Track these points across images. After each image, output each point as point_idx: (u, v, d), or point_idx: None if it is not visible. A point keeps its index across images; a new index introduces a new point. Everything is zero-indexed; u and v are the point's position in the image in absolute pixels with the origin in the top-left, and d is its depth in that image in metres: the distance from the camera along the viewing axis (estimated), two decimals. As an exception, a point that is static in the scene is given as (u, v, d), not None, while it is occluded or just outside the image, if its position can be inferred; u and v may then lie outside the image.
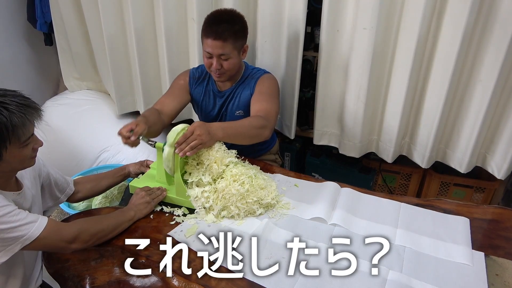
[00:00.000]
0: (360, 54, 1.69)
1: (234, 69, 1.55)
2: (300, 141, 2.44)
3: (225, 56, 1.48)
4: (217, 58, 1.48)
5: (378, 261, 1.09)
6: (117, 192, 1.87)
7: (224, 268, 1.07)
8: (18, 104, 0.96)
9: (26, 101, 0.99)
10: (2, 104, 0.94)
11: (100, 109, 2.41)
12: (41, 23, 2.31)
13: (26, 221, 0.99)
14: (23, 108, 0.97)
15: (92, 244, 1.14)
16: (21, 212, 1.00)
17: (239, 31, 1.48)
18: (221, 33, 1.43)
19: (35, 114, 1.00)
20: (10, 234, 0.97)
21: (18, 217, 0.98)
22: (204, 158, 1.30)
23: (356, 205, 1.34)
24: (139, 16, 1.99)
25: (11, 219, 0.97)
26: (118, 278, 1.11)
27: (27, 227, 0.99)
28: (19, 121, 0.95)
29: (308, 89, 2.19)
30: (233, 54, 1.49)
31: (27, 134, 0.99)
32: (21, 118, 0.96)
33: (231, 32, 1.45)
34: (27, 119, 0.97)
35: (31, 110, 0.99)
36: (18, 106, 0.96)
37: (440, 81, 1.64)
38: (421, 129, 1.81)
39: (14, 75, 2.37)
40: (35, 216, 1.03)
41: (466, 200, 2.12)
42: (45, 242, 1.03)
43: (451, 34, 1.54)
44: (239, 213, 1.26)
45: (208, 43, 1.46)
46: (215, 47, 1.45)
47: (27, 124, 0.98)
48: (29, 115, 0.98)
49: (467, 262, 1.10)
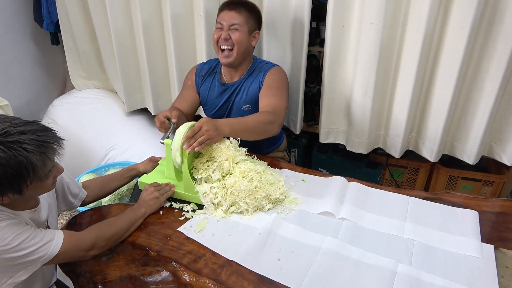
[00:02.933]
0: (367, 49, 1.68)
1: (241, 46, 1.54)
2: (307, 137, 2.44)
3: (236, 26, 1.50)
4: (226, 29, 1.51)
5: (388, 254, 1.10)
6: (126, 189, 1.88)
7: (234, 263, 1.08)
8: (38, 143, 0.92)
9: (46, 136, 0.95)
10: (21, 145, 0.90)
11: (108, 108, 2.43)
12: (47, 23, 2.33)
13: (43, 242, 0.98)
14: (43, 147, 0.93)
15: (109, 247, 1.15)
16: (38, 234, 0.99)
17: (254, 13, 1.56)
18: (236, 6, 1.51)
19: (55, 148, 0.97)
20: (29, 257, 0.96)
21: (36, 240, 0.97)
22: (216, 154, 1.30)
23: (364, 199, 1.34)
24: (146, 12, 2.00)
25: (29, 244, 0.96)
26: (129, 274, 1.13)
27: (45, 247, 0.99)
28: (39, 161, 0.92)
29: (314, 85, 2.18)
30: (243, 29, 1.52)
31: (48, 169, 0.97)
32: (41, 157, 0.93)
33: (247, 8, 1.53)
34: (47, 157, 0.94)
35: (51, 146, 0.96)
36: (37, 146, 0.92)
37: (448, 75, 1.63)
38: (429, 123, 1.80)
39: (21, 75, 2.39)
40: (51, 233, 1.02)
41: (474, 194, 2.11)
42: (65, 256, 1.04)
43: (458, 27, 1.52)
44: (248, 209, 1.27)
45: (221, 15, 1.53)
46: (228, 17, 1.51)
47: (47, 162, 0.95)
48: (49, 152, 0.95)
49: (477, 254, 1.10)
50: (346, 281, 1.02)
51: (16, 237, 0.94)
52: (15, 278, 0.97)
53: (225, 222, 1.24)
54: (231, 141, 1.34)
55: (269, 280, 1.03)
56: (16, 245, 0.94)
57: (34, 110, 2.47)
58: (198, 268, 1.07)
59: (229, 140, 1.35)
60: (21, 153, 0.89)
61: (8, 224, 0.94)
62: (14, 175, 0.90)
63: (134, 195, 1.48)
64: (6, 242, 0.92)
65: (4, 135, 0.89)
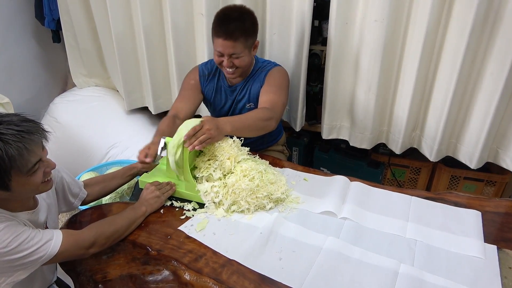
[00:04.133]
0: (370, 46, 1.68)
1: (245, 66, 1.55)
2: (308, 136, 2.44)
3: (236, 55, 1.48)
4: (228, 57, 1.48)
5: (390, 254, 1.09)
6: (127, 187, 1.88)
7: (235, 262, 1.08)
8: (15, 132, 0.88)
9: (25, 126, 0.91)
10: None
11: (109, 105, 2.42)
12: (49, 20, 2.33)
13: (42, 242, 0.98)
14: (20, 137, 0.89)
15: (109, 245, 1.14)
16: (36, 235, 0.97)
17: (249, 29, 1.47)
18: (232, 33, 1.42)
19: (35, 140, 0.93)
20: (29, 258, 0.96)
21: (34, 240, 0.96)
22: (218, 153, 1.30)
23: (366, 199, 1.33)
24: (147, 11, 1.99)
25: (28, 246, 0.95)
26: (129, 273, 1.12)
27: (44, 247, 0.98)
28: (15, 152, 0.88)
29: (316, 84, 2.18)
30: (244, 53, 1.49)
31: (29, 163, 0.92)
32: (18, 149, 0.88)
33: (242, 30, 1.43)
34: (25, 148, 0.89)
35: (30, 136, 0.91)
36: (14, 135, 0.88)
37: (449, 74, 1.62)
38: (430, 121, 1.79)
39: (22, 73, 2.39)
40: (50, 232, 1.01)
41: (477, 194, 2.10)
42: (66, 255, 1.03)
43: (460, 26, 1.51)
44: (249, 208, 1.26)
45: (219, 43, 1.46)
46: (226, 47, 1.45)
47: (25, 154, 0.90)
48: (27, 143, 0.90)
49: (479, 255, 1.10)
50: (347, 281, 1.01)
51: (14, 238, 0.93)
52: (14, 277, 0.97)
53: (226, 221, 1.24)
54: (234, 140, 1.34)
55: (270, 280, 1.02)
56: (15, 247, 0.93)
57: (35, 108, 2.47)
58: (199, 267, 1.07)
59: (232, 139, 1.34)
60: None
61: (6, 226, 0.93)
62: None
63: (135, 193, 1.48)
64: (5, 244, 0.91)
65: None
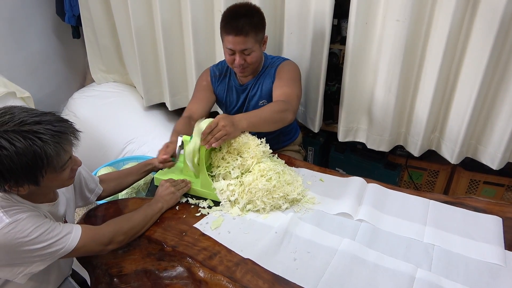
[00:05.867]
0: (391, 46, 1.66)
1: (257, 62, 1.55)
2: (324, 136, 2.41)
3: (248, 50, 1.48)
4: (239, 54, 1.48)
5: (406, 258, 1.07)
6: (143, 183, 1.89)
7: (250, 261, 1.07)
8: (53, 133, 0.92)
9: (61, 127, 0.95)
10: (36, 134, 0.90)
11: (126, 101, 2.45)
12: (69, 16, 2.36)
13: (62, 235, 0.99)
14: (58, 137, 0.93)
15: (127, 242, 1.15)
16: (57, 227, 1.00)
17: (258, 23, 1.48)
18: (242, 28, 1.43)
19: (71, 139, 0.97)
20: (47, 250, 0.97)
21: (54, 233, 0.98)
22: (243, 150, 1.30)
23: (383, 201, 1.31)
24: (166, 7, 2.00)
25: (47, 237, 0.97)
26: (144, 268, 1.13)
27: (63, 240, 1.00)
28: (53, 151, 0.92)
29: (333, 83, 2.16)
30: (255, 48, 1.50)
31: (63, 161, 0.97)
32: (56, 148, 0.92)
33: (251, 25, 1.44)
34: (62, 148, 0.94)
35: (66, 137, 0.96)
36: (52, 136, 0.92)
37: (473, 75, 1.58)
38: (451, 123, 1.76)
39: (43, 67, 2.43)
40: (69, 226, 1.03)
41: (496, 199, 2.05)
42: (84, 250, 1.05)
43: (485, 25, 1.47)
44: (265, 208, 1.26)
45: (229, 40, 1.46)
46: (237, 43, 1.45)
47: (62, 154, 0.95)
48: (64, 143, 0.95)
49: (500, 262, 1.07)
50: (362, 285, 1.00)
51: (35, 229, 0.95)
52: (32, 268, 0.98)
53: (241, 220, 1.24)
54: (261, 141, 1.34)
55: (284, 280, 1.02)
56: (35, 237, 0.94)
57: (55, 103, 2.51)
58: (213, 265, 1.07)
59: (260, 139, 1.34)
60: (36, 143, 0.89)
61: (29, 216, 0.95)
62: (30, 164, 0.90)
63: (151, 189, 1.49)
64: (26, 234, 0.93)
65: (20, 124, 0.90)
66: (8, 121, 0.89)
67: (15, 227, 0.92)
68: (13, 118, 0.90)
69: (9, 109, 0.93)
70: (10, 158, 0.88)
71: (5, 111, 0.92)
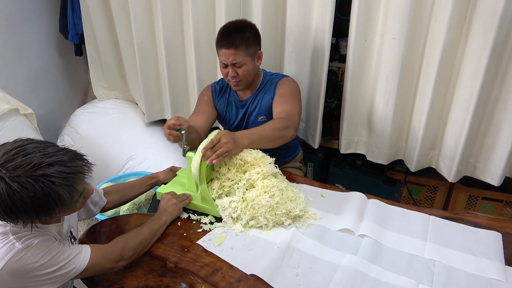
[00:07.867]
0: (388, 63, 1.70)
1: (249, 76, 1.58)
2: (323, 152, 2.43)
3: (239, 63, 1.52)
4: (231, 67, 1.53)
5: (408, 274, 1.08)
6: (144, 199, 1.90)
7: (252, 277, 1.07)
8: (66, 175, 0.92)
9: (74, 167, 0.94)
10: (49, 178, 0.90)
11: (128, 118, 2.47)
12: (72, 35, 2.40)
13: (72, 256, 1.00)
14: (71, 178, 0.93)
15: (136, 257, 1.15)
16: (66, 249, 1.00)
17: (250, 38, 1.53)
18: (232, 42, 1.48)
19: (83, 178, 0.98)
20: (59, 272, 0.98)
21: (65, 255, 0.99)
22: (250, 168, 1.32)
23: (384, 217, 1.32)
24: (169, 25, 2.05)
25: (58, 260, 0.97)
26: (146, 284, 1.13)
27: (74, 261, 1.00)
28: (66, 193, 0.93)
29: (332, 100, 2.19)
30: (247, 61, 1.53)
31: (75, 199, 0.98)
32: (69, 189, 0.93)
33: (242, 39, 1.49)
34: (74, 189, 0.95)
35: (79, 176, 0.96)
36: (65, 178, 0.92)
37: (469, 93, 1.61)
38: (449, 140, 1.78)
39: (45, 84, 2.46)
40: (79, 247, 1.04)
41: (495, 214, 2.06)
42: (95, 269, 1.05)
43: (480, 45, 1.51)
44: (268, 224, 1.27)
45: (221, 53, 1.52)
46: (228, 56, 1.50)
47: (74, 194, 0.96)
48: (77, 183, 0.95)
49: (500, 278, 1.07)
50: (365, 300, 1.00)
51: (46, 253, 0.96)
52: None
53: (244, 236, 1.24)
54: (271, 162, 1.35)
55: (287, 296, 1.02)
56: (46, 262, 0.95)
57: (57, 119, 2.53)
58: (215, 281, 1.07)
59: (270, 158, 1.36)
60: (48, 186, 0.90)
61: (40, 241, 0.96)
62: (43, 205, 0.91)
63: (153, 205, 1.50)
64: (37, 259, 0.94)
65: (33, 168, 0.89)
66: (20, 165, 0.88)
67: (26, 253, 0.93)
68: (26, 160, 0.89)
69: (22, 149, 0.91)
70: (23, 200, 0.88)
71: (18, 151, 0.90)
